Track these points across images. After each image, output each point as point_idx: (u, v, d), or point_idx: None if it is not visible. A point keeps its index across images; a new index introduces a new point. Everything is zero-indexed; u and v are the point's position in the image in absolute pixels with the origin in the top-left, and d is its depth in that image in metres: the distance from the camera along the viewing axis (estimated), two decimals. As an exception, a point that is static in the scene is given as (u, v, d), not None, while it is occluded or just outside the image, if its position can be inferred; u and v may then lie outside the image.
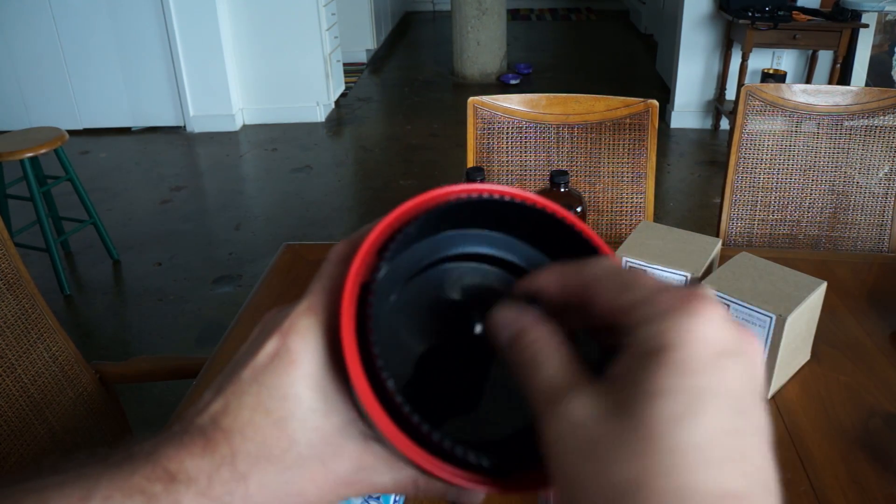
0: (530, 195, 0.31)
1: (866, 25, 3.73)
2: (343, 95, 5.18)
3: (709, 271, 1.01)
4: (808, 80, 4.08)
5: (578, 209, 1.12)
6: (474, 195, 0.30)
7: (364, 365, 0.26)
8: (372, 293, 0.26)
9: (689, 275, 0.98)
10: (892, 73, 3.99)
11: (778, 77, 3.96)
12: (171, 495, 0.25)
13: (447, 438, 0.25)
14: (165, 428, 0.28)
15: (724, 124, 4.33)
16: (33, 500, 0.25)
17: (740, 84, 3.90)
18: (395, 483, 0.28)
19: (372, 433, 0.28)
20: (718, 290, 0.93)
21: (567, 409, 0.22)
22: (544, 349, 0.25)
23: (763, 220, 1.65)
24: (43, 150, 2.61)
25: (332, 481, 0.27)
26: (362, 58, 6.19)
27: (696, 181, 3.72)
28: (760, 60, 4.10)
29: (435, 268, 0.31)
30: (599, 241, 0.31)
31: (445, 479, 0.26)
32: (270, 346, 0.28)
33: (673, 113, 4.40)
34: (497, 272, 0.32)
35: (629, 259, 1.02)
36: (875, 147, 1.57)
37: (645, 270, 0.27)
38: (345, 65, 5.35)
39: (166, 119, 4.53)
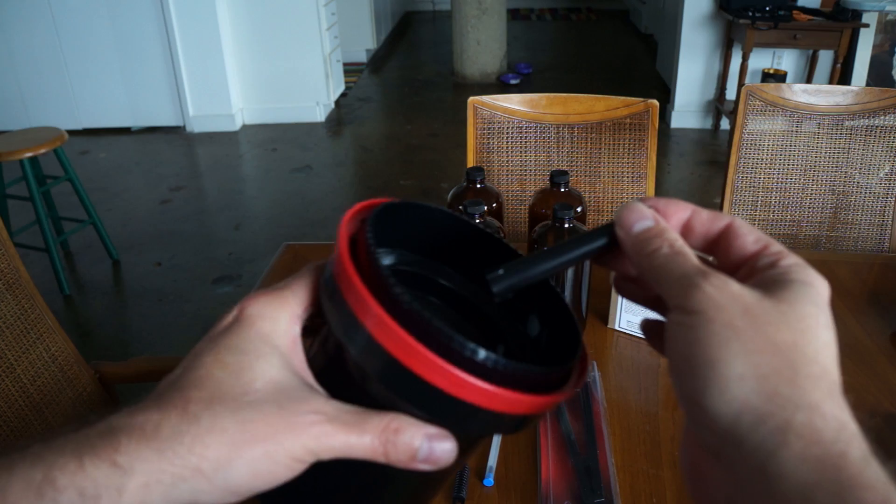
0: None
1: (867, 25, 3.73)
2: (343, 95, 5.18)
3: (709, 271, 1.01)
4: (809, 80, 4.08)
5: (579, 209, 1.12)
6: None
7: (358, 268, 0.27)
8: (367, 224, 0.28)
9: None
10: (893, 72, 3.98)
11: (778, 77, 3.96)
12: (110, 442, 0.25)
13: (435, 320, 0.25)
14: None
15: (725, 124, 4.32)
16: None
17: (740, 84, 3.90)
18: (361, 441, 0.27)
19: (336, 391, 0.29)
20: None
21: (727, 283, 0.27)
22: (681, 242, 0.29)
23: (763, 220, 1.65)
24: (42, 150, 2.60)
25: (292, 427, 0.26)
26: (362, 58, 6.18)
27: (696, 181, 3.72)
28: (761, 60, 4.10)
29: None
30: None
31: (448, 376, 0.25)
32: (229, 317, 0.30)
33: (673, 113, 4.40)
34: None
35: (629, 259, 1.02)
36: (875, 147, 1.57)
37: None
38: (345, 65, 5.35)
39: (166, 119, 4.53)
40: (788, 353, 0.25)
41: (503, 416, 0.27)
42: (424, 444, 0.27)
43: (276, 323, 0.29)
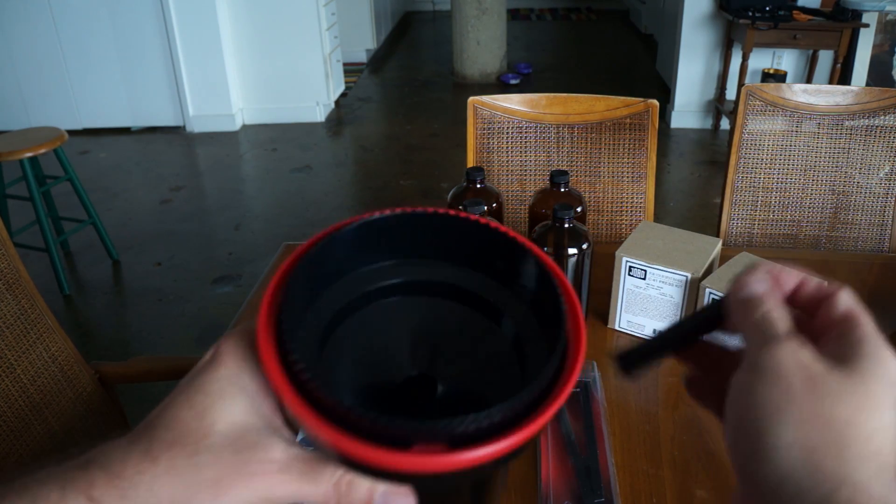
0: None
1: (867, 25, 3.73)
2: (343, 95, 5.18)
3: (709, 271, 1.01)
4: (809, 80, 4.08)
5: (579, 209, 1.12)
6: (367, 217, 0.31)
7: (280, 358, 0.27)
8: (285, 297, 0.28)
9: (689, 275, 0.98)
10: (893, 72, 3.98)
11: (778, 77, 3.96)
12: (86, 476, 0.26)
13: (356, 408, 0.25)
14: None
15: (725, 124, 4.32)
16: None
17: (740, 84, 3.90)
18: (316, 489, 0.27)
19: (298, 438, 0.29)
20: (718, 290, 0.93)
21: (801, 349, 0.27)
22: (779, 308, 0.30)
23: (763, 220, 1.65)
24: (42, 150, 2.60)
25: (243, 475, 0.27)
26: (362, 58, 6.18)
27: (696, 181, 3.72)
28: (761, 60, 4.10)
29: (362, 307, 0.32)
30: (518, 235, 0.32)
31: (352, 453, 0.25)
32: (207, 355, 0.31)
33: (673, 113, 4.40)
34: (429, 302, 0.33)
35: (629, 259, 1.02)
36: (875, 147, 1.57)
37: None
38: (345, 65, 5.35)
39: (166, 119, 4.53)
40: (842, 428, 0.25)
41: (467, 472, 0.25)
42: (379, 499, 0.27)
43: (247, 363, 0.30)
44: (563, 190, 1.13)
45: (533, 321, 0.31)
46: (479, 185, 1.17)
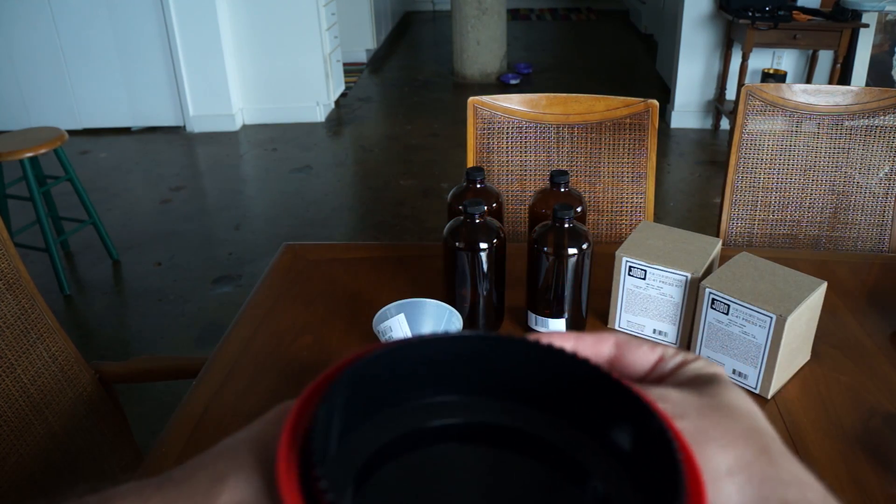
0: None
1: (866, 25, 3.73)
2: (343, 95, 5.18)
3: (709, 271, 1.01)
4: (809, 80, 4.08)
5: (579, 209, 1.12)
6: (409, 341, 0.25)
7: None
8: (312, 427, 0.22)
9: (688, 275, 0.98)
10: (893, 72, 3.98)
11: (778, 77, 3.96)
12: None
13: None
14: None
15: (725, 124, 4.32)
16: None
17: (740, 84, 3.90)
18: None
19: None
20: (718, 290, 0.93)
21: (666, 392, 0.28)
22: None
23: (763, 220, 1.65)
24: (43, 150, 2.60)
25: None
26: (362, 58, 6.18)
27: (696, 181, 3.72)
28: (760, 60, 4.11)
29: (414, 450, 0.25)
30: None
31: None
32: (206, 472, 0.26)
33: (673, 113, 4.40)
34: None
35: (629, 259, 1.02)
36: (875, 147, 1.57)
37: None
38: (345, 65, 5.35)
39: (166, 119, 4.53)
40: (754, 437, 0.26)
41: None
42: None
43: (258, 493, 0.25)
44: (563, 190, 1.13)
45: (628, 488, 0.24)
46: (479, 185, 1.17)
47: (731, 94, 4.23)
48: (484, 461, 0.25)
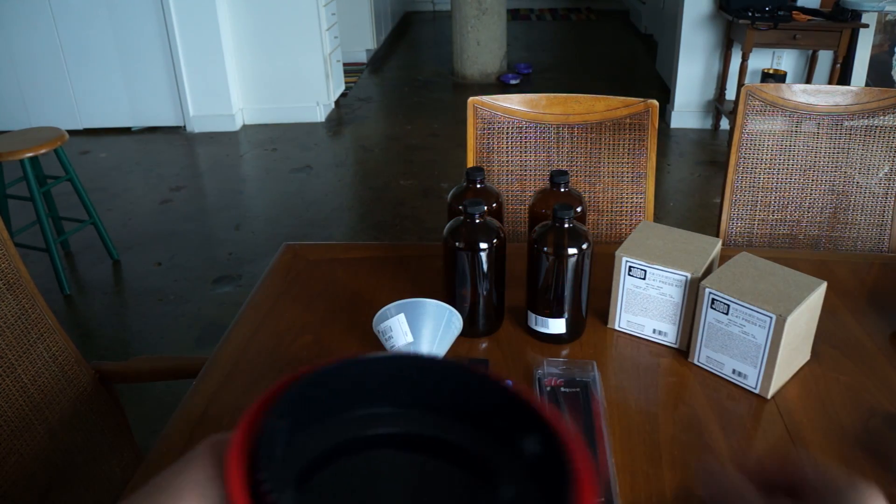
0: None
1: (866, 25, 3.73)
2: (343, 95, 5.18)
3: (709, 271, 1.01)
4: (808, 80, 4.08)
5: (579, 209, 1.12)
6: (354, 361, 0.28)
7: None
8: (261, 433, 0.26)
9: (688, 275, 0.98)
10: (893, 73, 3.98)
11: (778, 77, 3.96)
12: None
13: None
14: None
15: (724, 124, 4.33)
16: None
17: (740, 84, 3.90)
18: None
19: None
20: (718, 290, 0.93)
21: None
22: None
23: (763, 220, 1.65)
24: (43, 150, 2.60)
25: None
26: (362, 58, 6.19)
27: (696, 181, 3.72)
28: (760, 60, 4.11)
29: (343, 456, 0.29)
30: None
31: None
32: (190, 453, 0.30)
33: (673, 113, 4.40)
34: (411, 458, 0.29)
35: (629, 259, 1.02)
36: (875, 147, 1.57)
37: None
38: (345, 65, 5.35)
39: (166, 119, 4.53)
40: None
41: None
42: None
43: (218, 472, 0.29)
44: (563, 190, 1.14)
45: (534, 490, 0.28)
46: (479, 185, 1.17)
47: (731, 94, 4.23)
48: (414, 466, 0.29)
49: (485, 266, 1.01)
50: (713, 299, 0.94)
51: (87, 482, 1.16)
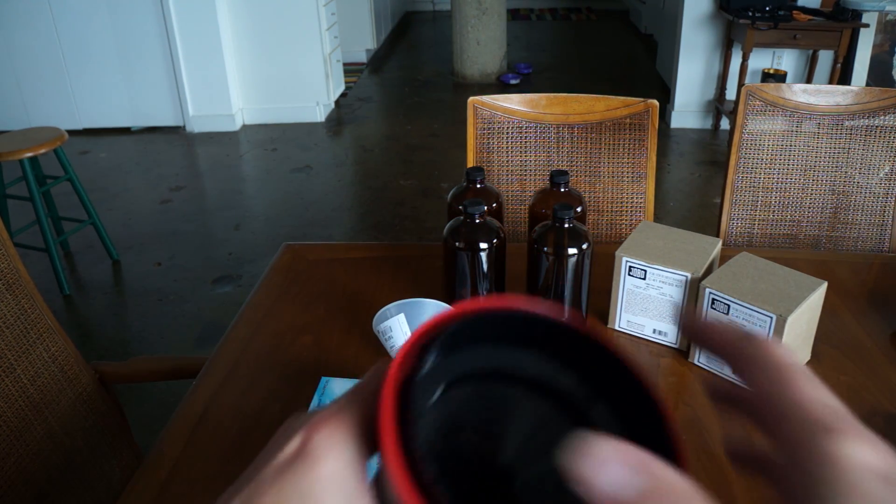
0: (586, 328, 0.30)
1: (867, 25, 3.73)
2: (343, 95, 5.18)
3: (709, 271, 1.01)
4: (809, 80, 4.08)
5: (579, 209, 1.12)
6: (522, 312, 0.29)
7: (403, 459, 0.24)
8: (414, 387, 0.25)
9: (688, 275, 0.98)
10: (893, 72, 3.98)
11: (778, 77, 3.96)
12: None
13: None
14: None
15: (725, 124, 4.32)
16: None
17: (740, 84, 3.90)
18: None
19: None
20: (718, 290, 0.93)
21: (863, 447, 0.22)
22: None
23: (763, 220, 1.65)
24: (42, 150, 2.60)
25: None
26: (362, 58, 6.19)
27: (696, 181, 3.72)
28: (761, 60, 4.10)
29: (479, 385, 0.30)
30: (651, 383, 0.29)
31: None
32: (293, 445, 0.27)
33: (673, 113, 4.40)
34: (543, 405, 0.30)
35: (629, 259, 1.02)
36: (875, 147, 1.57)
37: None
38: (345, 65, 5.35)
39: (166, 119, 4.53)
40: None
41: None
42: None
43: (343, 460, 0.27)
44: (563, 190, 1.13)
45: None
46: (479, 185, 1.17)
47: (731, 94, 4.23)
48: (535, 409, 0.30)
49: (485, 266, 1.01)
50: (713, 299, 0.94)
51: (87, 483, 1.16)
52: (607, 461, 0.21)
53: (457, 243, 1.00)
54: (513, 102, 1.55)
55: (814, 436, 0.23)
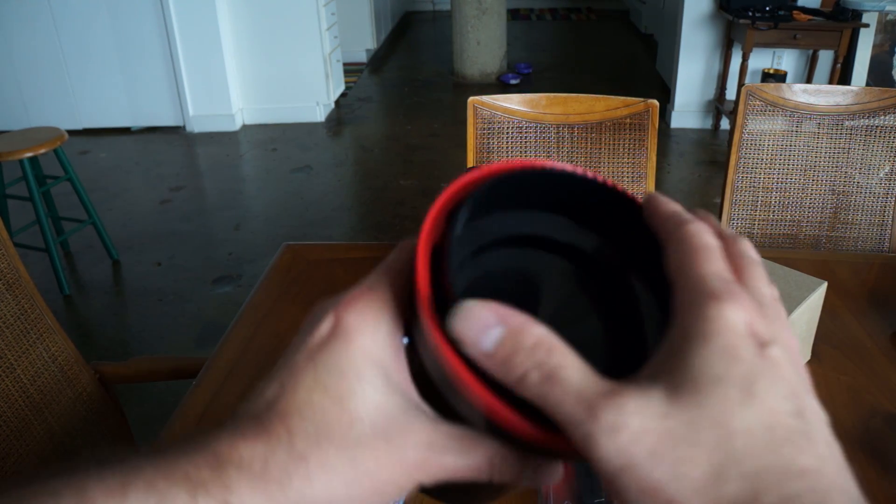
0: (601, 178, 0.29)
1: (867, 25, 3.73)
2: (343, 95, 5.18)
3: (709, 271, 1.00)
4: (809, 80, 4.08)
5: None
6: (539, 168, 0.28)
7: (437, 308, 0.24)
8: (447, 252, 0.25)
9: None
10: (893, 72, 3.98)
11: (778, 77, 3.96)
12: (221, 480, 0.23)
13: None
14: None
15: (725, 124, 4.32)
16: (72, 492, 0.23)
17: (740, 84, 3.90)
18: (468, 464, 0.26)
19: (439, 413, 0.27)
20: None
21: (621, 420, 0.21)
22: (552, 357, 0.23)
23: (763, 220, 1.65)
24: (42, 150, 2.60)
25: (401, 462, 0.25)
26: (362, 58, 6.18)
27: (696, 181, 3.72)
28: (761, 60, 4.10)
29: (502, 250, 0.29)
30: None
31: (524, 432, 0.23)
32: (325, 326, 0.27)
33: (673, 113, 4.40)
34: (561, 264, 0.30)
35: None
36: (875, 147, 1.57)
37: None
38: (345, 65, 5.35)
39: (166, 119, 4.53)
40: (714, 487, 0.20)
41: None
42: (529, 472, 0.26)
43: (378, 335, 0.26)
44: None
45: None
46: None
47: (731, 94, 4.23)
48: (564, 275, 0.30)
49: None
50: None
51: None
52: (486, 324, 0.23)
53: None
54: (513, 102, 1.55)
55: (701, 303, 0.23)
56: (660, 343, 0.24)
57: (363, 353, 0.26)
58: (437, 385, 0.26)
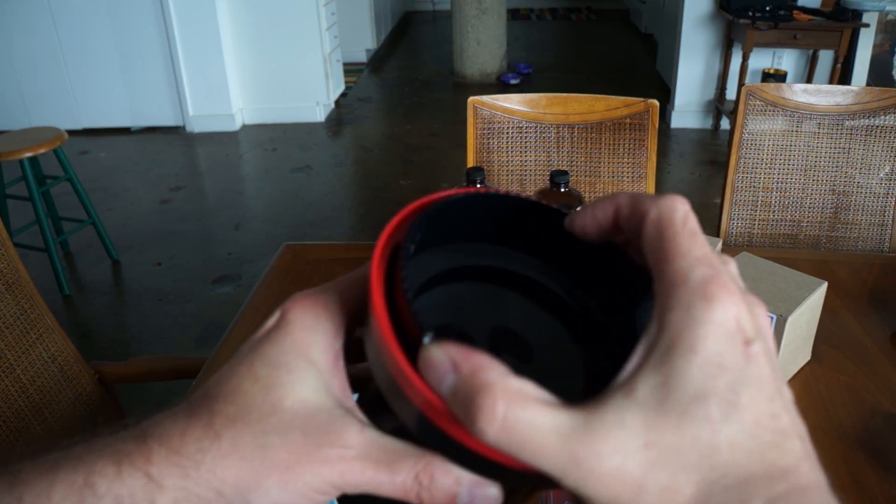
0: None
1: (867, 25, 3.73)
2: (343, 95, 5.18)
3: (709, 271, 1.00)
4: (809, 80, 4.08)
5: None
6: (493, 192, 0.29)
7: (389, 312, 0.24)
8: (403, 252, 0.25)
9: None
10: (893, 72, 3.98)
11: (778, 77, 3.96)
12: (143, 452, 0.25)
13: None
14: None
15: (725, 124, 4.32)
16: (7, 477, 0.25)
17: (741, 84, 3.90)
18: (392, 480, 0.25)
19: (370, 419, 0.26)
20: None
21: (600, 465, 0.20)
22: (519, 402, 0.21)
23: (763, 220, 1.65)
24: (42, 150, 2.60)
25: (318, 462, 0.24)
26: (362, 58, 6.18)
27: (697, 181, 3.72)
28: (761, 60, 4.10)
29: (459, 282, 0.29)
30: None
31: (456, 433, 0.22)
32: (272, 320, 0.28)
33: (673, 113, 4.40)
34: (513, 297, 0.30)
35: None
36: (876, 147, 1.57)
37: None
38: (345, 65, 5.35)
39: (166, 119, 4.53)
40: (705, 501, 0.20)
41: None
42: (465, 491, 0.24)
43: (317, 334, 0.27)
44: (563, 190, 1.13)
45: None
46: (479, 186, 1.17)
47: (731, 94, 4.23)
48: (519, 305, 0.30)
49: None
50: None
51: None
52: (443, 370, 0.22)
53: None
54: (513, 102, 1.55)
55: (689, 302, 0.22)
56: (642, 330, 0.23)
57: (297, 349, 0.26)
58: (383, 392, 0.26)
